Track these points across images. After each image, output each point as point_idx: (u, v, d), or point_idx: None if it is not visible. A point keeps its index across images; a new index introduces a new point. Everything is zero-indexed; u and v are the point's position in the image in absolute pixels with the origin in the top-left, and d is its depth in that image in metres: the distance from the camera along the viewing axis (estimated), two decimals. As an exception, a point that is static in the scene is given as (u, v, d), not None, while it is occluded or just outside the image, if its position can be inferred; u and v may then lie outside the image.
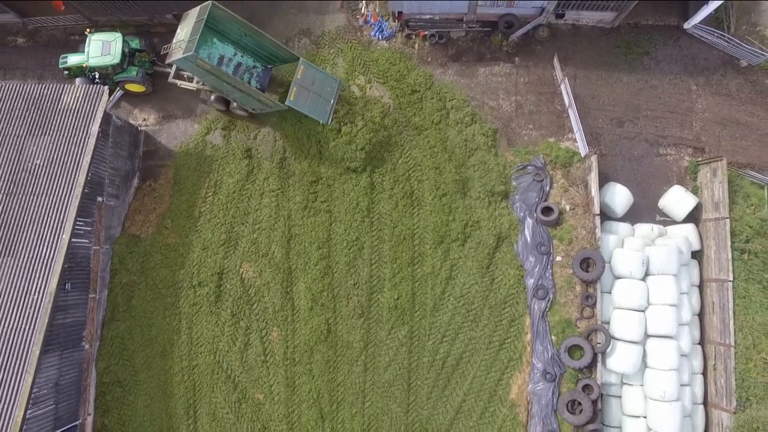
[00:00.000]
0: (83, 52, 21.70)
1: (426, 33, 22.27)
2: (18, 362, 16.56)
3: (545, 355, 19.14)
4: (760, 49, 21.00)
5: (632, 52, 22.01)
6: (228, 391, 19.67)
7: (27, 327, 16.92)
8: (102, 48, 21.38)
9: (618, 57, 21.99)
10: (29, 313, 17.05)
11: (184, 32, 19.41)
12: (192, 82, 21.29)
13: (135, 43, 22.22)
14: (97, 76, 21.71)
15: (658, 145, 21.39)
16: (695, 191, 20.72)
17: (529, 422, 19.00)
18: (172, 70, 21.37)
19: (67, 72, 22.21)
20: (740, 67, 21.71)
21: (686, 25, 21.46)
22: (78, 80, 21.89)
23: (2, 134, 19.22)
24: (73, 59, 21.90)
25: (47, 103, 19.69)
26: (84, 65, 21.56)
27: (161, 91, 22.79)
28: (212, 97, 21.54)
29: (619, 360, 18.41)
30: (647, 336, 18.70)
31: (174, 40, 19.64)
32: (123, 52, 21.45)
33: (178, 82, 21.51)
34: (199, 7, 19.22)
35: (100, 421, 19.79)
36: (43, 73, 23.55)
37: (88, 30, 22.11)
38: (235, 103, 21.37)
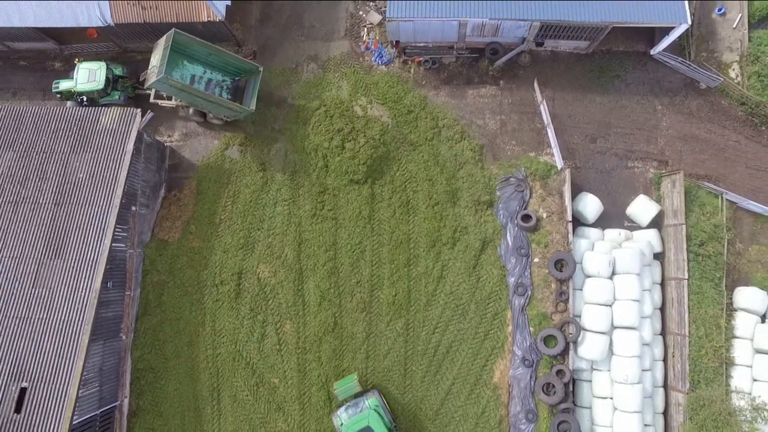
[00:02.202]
0: (72, 78, 24.20)
1: (421, 59, 24.83)
2: (71, 350, 19.28)
3: (524, 344, 21.71)
4: (716, 73, 23.55)
5: (605, 75, 24.51)
6: (247, 376, 22.32)
7: (77, 319, 19.63)
8: (89, 75, 24.00)
9: (592, 80, 24.50)
10: (78, 307, 19.75)
11: (156, 59, 22.38)
12: (171, 100, 23.94)
13: (118, 71, 24.78)
14: (85, 100, 24.27)
15: (626, 158, 23.88)
16: (658, 200, 23.24)
17: (510, 402, 21.62)
18: (152, 92, 23.90)
19: (59, 95, 24.67)
20: (700, 90, 24.22)
21: (652, 52, 23.86)
22: (69, 103, 24.47)
23: (50, 151, 21.93)
24: (64, 84, 24.45)
25: (87, 123, 22.38)
26: (72, 90, 24.07)
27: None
28: (190, 111, 24.00)
29: (589, 348, 20.93)
30: (613, 327, 21.16)
31: (149, 67, 22.47)
32: (107, 79, 23.94)
33: (159, 102, 24.13)
34: (165, 35, 22.08)
35: (135, 403, 22.46)
36: (78, 94, 26.17)
37: (77, 59, 24.64)
38: (210, 114, 23.90)
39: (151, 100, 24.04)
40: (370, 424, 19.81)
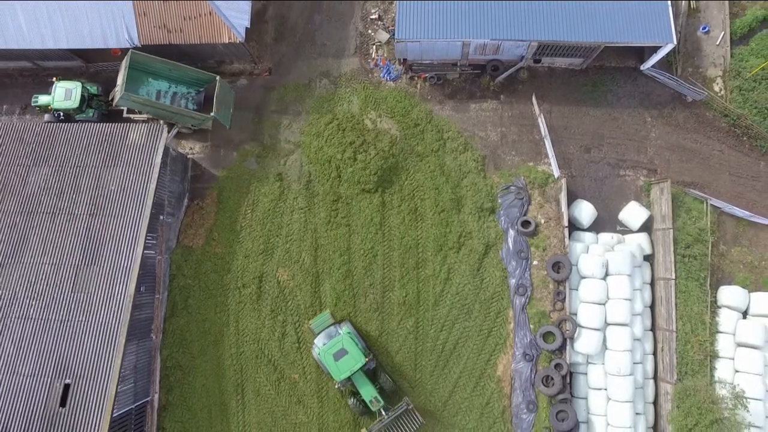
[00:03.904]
0: (50, 94, 25.62)
1: (426, 75, 26.51)
2: (109, 349, 20.95)
3: (525, 340, 23.46)
4: (701, 88, 25.28)
5: (598, 89, 26.20)
6: (269, 372, 24.01)
7: (114, 321, 21.29)
8: (65, 94, 25.52)
9: (586, 94, 26.17)
10: (115, 310, 21.40)
11: (120, 78, 24.22)
12: (141, 114, 25.80)
13: (93, 89, 26.32)
14: (62, 115, 25.83)
15: (618, 167, 25.57)
16: (648, 206, 24.98)
17: (512, 394, 23.37)
18: (125, 108, 25.67)
19: (38, 108, 26.19)
20: (686, 103, 25.95)
21: (642, 68, 25.48)
22: (46, 116, 26.02)
23: (83, 166, 23.52)
24: (42, 99, 25.99)
25: (117, 139, 23.95)
26: (50, 107, 25.63)
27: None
28: (161, 123, 25.39)
29: (584, 343, 22.65)
30: (607, 324, 22.88)
31: (116, 86, 24.33)
32: (82, 97, 25.49)
33: (132, 116, 25.88)
34: (125, 56, 24.04)
35: (164, 398, 24.14)
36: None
37: (55, 78, 26.11)
38: (179, 124, 25.54)
39: (125, 115, 25.89)
40: (345, 346, 21.39)
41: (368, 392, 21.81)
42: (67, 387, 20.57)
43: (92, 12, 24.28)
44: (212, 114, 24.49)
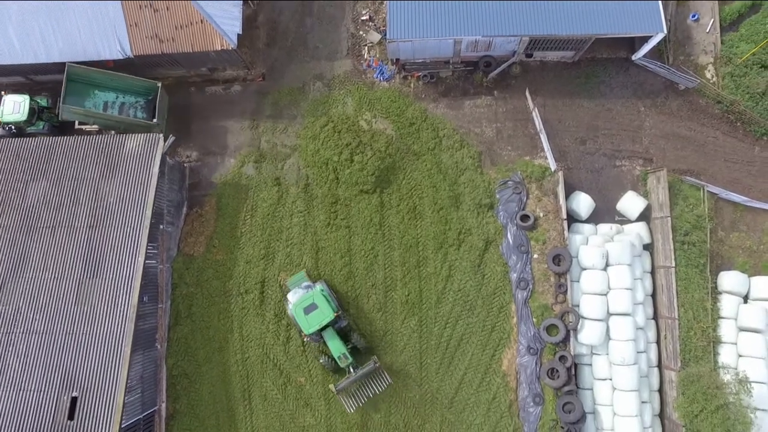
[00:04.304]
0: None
1: (419, 74, 26.62)
2: (115, 360, 21.00)
3: (528, 333, 23.58)
4: (693, 75, 25.42)
5: (590, 81, 26.30)
6: (275, 377, 24.10)
7: (118, 332, 21.33)
8: (13, 107, 25.61)
9: (579, 86, 26.29)
10: (119, 321, 21.44)
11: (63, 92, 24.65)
12: (92, 125, 26.17)
13: (43, 102, 26.39)
14: (13, 128, 25.90)
15: (614, 158, 25.69)
16: (645, 195, 25.10)
17: (518, 388, 23.50)
18: (76, 121, 26.00)
19: None
20: (679, 91, 26.08)
21: (634, 58, 25.54)
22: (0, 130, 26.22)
23: (81, 178, 23.55)
24: None
25: (114, 150, 24.00)
26: None
27: (201, 131, 27.16)
28: (112, 133, 25.72)
29: (588, 334, 22.76)
30: (609, 314, 22.99)
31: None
32: (32, 110, 25.56)
33: (84, 128, 26.24)
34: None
35: (172, 407, 24.22)
36: (98, 121, 27.78)
37: (3, 92, 26.19)
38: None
39: (77, 126, 26.20)
40: (315, 300, 21.91)
41: (337, 348, 22.17)
42: (74, 400, 20.61)
43: (84, 24, 24.35)
44: (155, 120, 24.88)
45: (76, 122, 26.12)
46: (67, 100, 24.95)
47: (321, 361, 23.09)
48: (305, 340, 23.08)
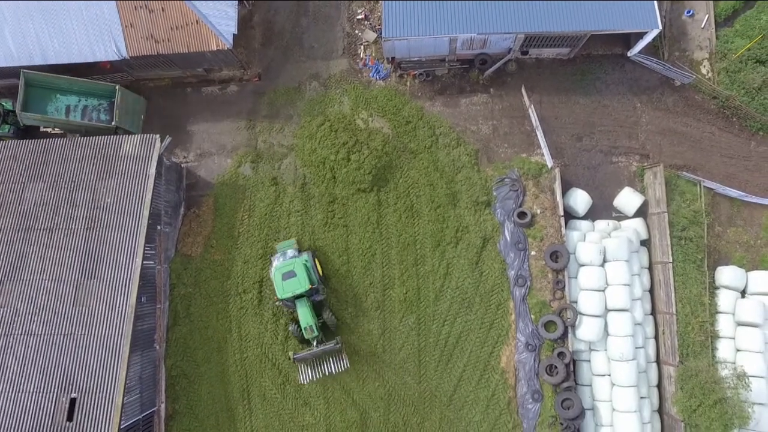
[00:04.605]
0: None
1: (415, 72, 26.64)
2: (113, 361, 21.02)
3: (527, 330, 23.61)
4: (689, 71, 25.48)
5: (586, 78, 26.34)
6: (274, 376, 24.10)
7: (117, 333, 21.35)
8: None
9: (575, 83, 26.32)
10: (117, 322, 21.46)
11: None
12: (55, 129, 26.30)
13: (8, 106, 26.42)
14: None
15: (611, 154, 25.73)
16: (642, 191, 25.14)
17: (517, 385, 23.52)
18: (41, 125, 26.14)
19: None
20: (675, 86, 26.13)
21: (629, 54, 25.62)
22: None
23: (77, 180, 23.57)
24: None
25: (110, 151, 24.01)
26: None
27: (197, 132, 27.19)
28: (77, 137, 25.53)
29: (586, 330, 22.77)
30: (607, 310, 23.00)
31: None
32: None
33: (48, 130, 26.34)
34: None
35: (171, 407, 24.21)
36: (95, 123, 27.74)
37: None
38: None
39: (42, 129, 26.34)
40: (295, 269, 22.24)
41: (306, 320, 22.37)
42: (73, 401, 20.63)
43: (79, 26, 24.33)
44: (113, 124, 24.99)
45: (41, 126, 26.25)
46: (30, 105, 25.12)
47: (290, 328, 23.45)
48: (276, 303, 23.54)
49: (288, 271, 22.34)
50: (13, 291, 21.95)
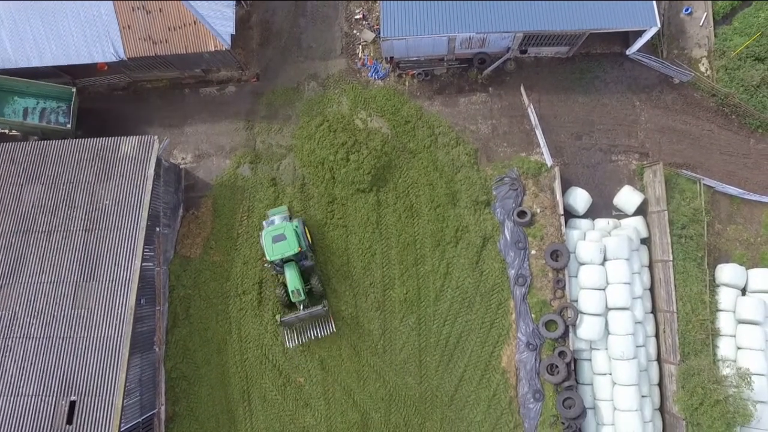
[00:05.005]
0: None
1: (414, 72, 26.59)
2: (113, 364, 20.91)
3: (527, 330, 23.55)
4: (688, 69, 25.46)
5: (585, 76, 26.32)
6: (274, 377, 24.01)
7: (116, 335, 21.24)
8: None
9: (574, 81, 26.30)
10: (117, 324, 21.35)
11: None
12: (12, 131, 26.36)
13: None
14: None
15: (610, 153, 25.71)
16: (642, 189, 25.11)
17: (518, 384, 23.46)
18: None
19: None
20: (674, 84, 26.13)
21: (628, 52, 25.48)
22: None
23: (75, 182, 23.46)
24: None
25: (109, 153, 23.89)
26: None
27: (195, 133, 27.09)
28: (35, 138, 25.84)
29: (587, 329, 22.76)
30: (608, 309, 22.98)
31: None
32: None
33: (5, 132, 26.37)
34: None
35: (171, 409, 24.10)
36: (93, 124, 27.48)
37: None
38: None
39: (0, 130, 26.29)
40: (285, 232, 22.47)
41: (293, 283, 22.53)
42: (73, 404, 20.51)
43: (77, 27, 24.24)
44: (68, 126, 25.01)
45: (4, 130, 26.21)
46: None
47: (277, 292, 23.65)
48: (265, 266, 23.72)
49: (278, 234, 22.49)
50: (12, 293, 21.84)
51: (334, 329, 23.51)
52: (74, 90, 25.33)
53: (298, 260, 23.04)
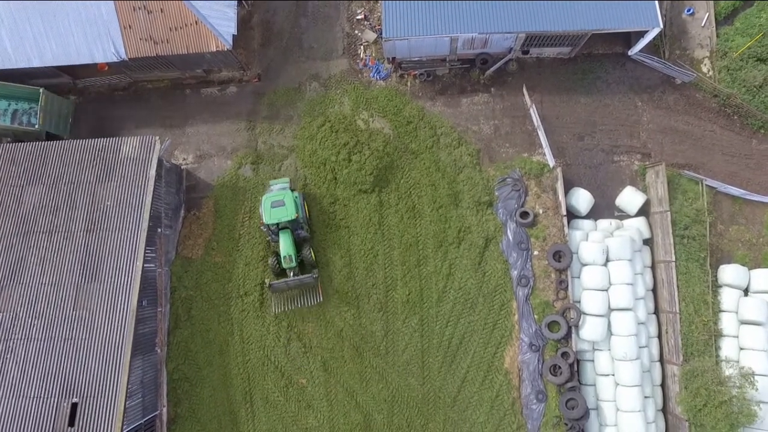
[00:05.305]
0: None
1: (416, 72, 26.54)
2: (115, 365, 20.79)
3: (530, 330, 23.52)
4: (690, 69, 25.45)
5: (587, 77, 26.29)
6: (277, 379, 23.93)
7: (118, 337, 21.11)
8: None
9: (576, 82, 26.27)
10: (119, 326, 21.22)
11: None
12: None
13: None
14: None
15: (612, 153, 25.69)
16: (644, 190, 25.10)
17: (521, 385, 23.43)
18: None
19: None
20: (676, 85, 26.11)
21: (630, 53, 25.58)
22: None
23: (77, 182, 23.32)
24: None
25: (110, 154, 23.75)
26: None
27: (197, 134, 27.00)
28: (8, 140, 25.76)
29: (589, 330, 22.74)
30: (610, 310, 22.95)
31: None
32: None
33: None
34: None
35: (173, 411, 24.01)
36: (93, 125, 27.50)
37: None
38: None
39: None
40: (285, 199, 23.03)
41: (286, 249, 23.05)
42: (74, 406, 20.37)
43: (77, 27, 24.12)
44: (37, 127, 24.83)
45: None
46: None
47: (269, 261, 24.12)
48: (261, 228, 24.03)
49: (277, 200, 22.97)
50: (13, 295, 21.71)
51: (321, 299, 23.96)
52: (42, 90, 25.14)
53: (294, 229, 23.54)
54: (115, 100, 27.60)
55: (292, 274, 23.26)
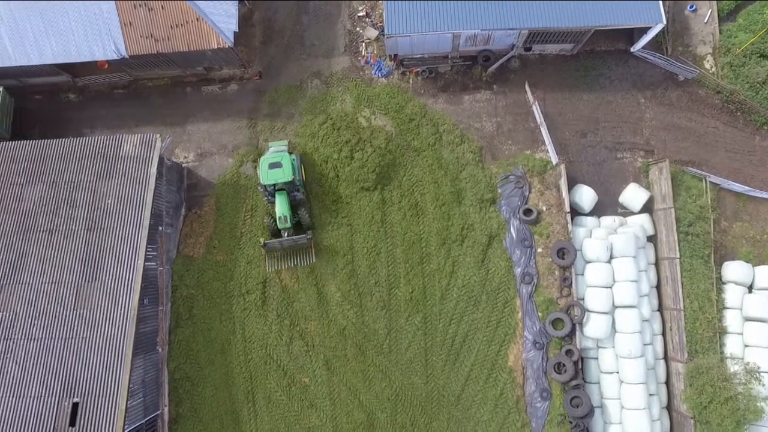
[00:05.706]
0: None
1: (418, 69, 26.42)
2: (116, 365, 20.62)
3: (534, 328, 23.40)
4: (692, 66, 25.37)
5: (590, 74, 26.20)
6: (279, 378, 23.77)
7: (119, 336, 20.94)
8: None
9: (578, 79, 26.18)
10: (120, 324, 21.05)
11: None
12: None
13: None
14: None
15: (615, 150, 25.60)
16: (648, 187, 25.01)
17: (525, 383, 23.29)
18: None
19: None
20: (678, 82, 26.02)
21: (632, 50, 25.49)
22: None
23: (77, 181, 23.16)
24: None
25: (111, 152, 23.59)
26: None
27: (198, 132, 26.85)
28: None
29: (594, 328, 22.65)
30: (615, 307, 22.85)
31: None
32: None
33: None
34: None
35: (174, 411, 23.83)
36: (93, 124, 27.33)
37: None
38: None
39: None
40: (282, 161, 23.14)
41: (282, 209, 23.26)
42: (75, 406, 20.20)
43: (77, 25, 23.97)
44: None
45: None
46: None
47: (265, 221, 24.38)
48: (258, 188, 24.22)
49: (275, 162, 23.06)
50: (13, 294, 21.53)
51: (314, 260, 24.11)
52: (1, 89, 24.97)
53: (290, 191, 23.67)
54: (115, 98, 27.43)
55: (286, 234, 23.40)
